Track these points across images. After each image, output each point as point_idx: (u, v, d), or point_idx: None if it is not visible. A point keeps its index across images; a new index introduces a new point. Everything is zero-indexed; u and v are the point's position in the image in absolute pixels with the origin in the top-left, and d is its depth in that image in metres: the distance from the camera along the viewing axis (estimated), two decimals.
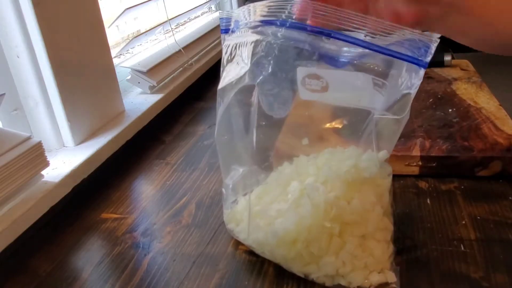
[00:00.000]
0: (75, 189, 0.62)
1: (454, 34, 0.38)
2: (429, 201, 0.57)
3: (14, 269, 0.52)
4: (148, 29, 0.97)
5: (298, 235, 0.44)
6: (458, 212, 0.54)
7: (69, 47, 0.66)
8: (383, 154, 0.45)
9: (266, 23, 0.43)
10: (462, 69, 0.92)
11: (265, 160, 0.51)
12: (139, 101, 0.85)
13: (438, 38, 0.38)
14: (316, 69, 0.42)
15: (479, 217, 0.53)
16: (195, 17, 1.34)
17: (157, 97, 0.86)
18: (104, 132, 0.72)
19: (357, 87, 0.42)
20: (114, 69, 0.77)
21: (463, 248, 0.49)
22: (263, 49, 0.44)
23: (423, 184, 0.60)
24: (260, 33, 0.44)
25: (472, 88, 0.82)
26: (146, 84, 0.88)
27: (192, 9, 1.18)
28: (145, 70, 0.87)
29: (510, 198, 0.56)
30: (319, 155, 0.49)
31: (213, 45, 1.18)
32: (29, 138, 0.57)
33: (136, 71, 0.87)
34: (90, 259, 0.52)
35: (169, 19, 1.01)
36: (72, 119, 0.66)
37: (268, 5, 0.43)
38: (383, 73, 0.41)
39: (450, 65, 0.93)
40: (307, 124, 0.72)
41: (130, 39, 0.97)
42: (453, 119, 0.70)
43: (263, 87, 0.45)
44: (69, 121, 0.66)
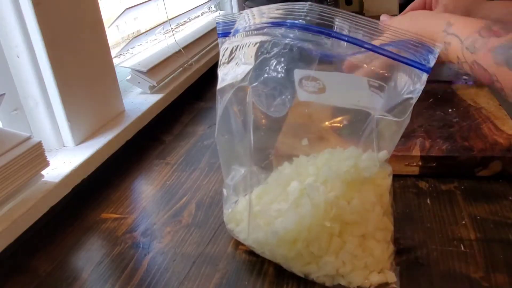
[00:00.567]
0: (75, 189, 0.62)
1: None
2: (429, 201, 0.57)
3: (14, 269, 0.52)
4: (148, 29, 0.97)
5: (298, 234, 0.44)
6: (458, 212, 0.54)
7: (69, 47, 0.66)
8: (383, 154, 0.45)
9: (273, 25, 0.43)
10: None
11: (265, 159, 0.51)
12: (139, 101, 0.85)
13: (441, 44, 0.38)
14: (312, 71, 0.42)
15: (479, 217, 0.53)
16: (195, 17, 1.34)
17: (157, 97, 0.86)
18: (104, 132, 0.72)
19: (354, 89, 0.42)
20: (114, 69, 0.77)
21: (463, 248, 0.49)
22: (269, 49, 0.44)
23: (423, 184, 0.60)
24: (265, 34, 0.44)
25: (472, 88, 0.82)
26: (146, 84, 0.88)
27: (192, 9, 1.18)
28: (145, 70, 0.87)
29: (510, 198, 0.56)
30: (318, 155, 0.49)
31: (213, 45, 1.18)
32: (29, 138, 0.57)
33: (136, 71, 0.87)
34: (90, 259, 0.52)
35: (169, 19, 1.01)
36: (72, 119, 0.66)
37: (271, 9, 0.43)
38: (381, 75, 0.41)
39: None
40: (307, 124, 0.72)
41: (130, 39, 0.97)
42: (453, 119, 0.70)
43: (261, 86, 0.45)
44: (69, 121, 0.66)
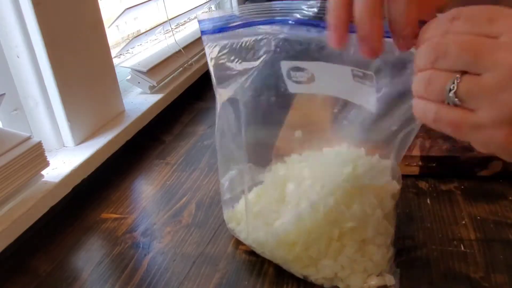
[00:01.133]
0: (75, 189, 0.62)
1: None
2: (429, 201, 0.57)
3: (14, 269, 0.52)
4: (148, 29, 0.97)
5: (297, 237, 0.44)
6: (458, 212, 0.54)
7: (69, 47, 0.66)
8: (392, 163, 0.44)
9: (269, 23, 0.42)
10: None
11: (262, 158, 0.51)
12: (139, 101, 0.85)
13: None
14: (298, 62, 0.41)
15: (479, 217, 0.53)
16: (195, 17, 1.34)
17: (157, 97, 0.86)
18: (104, 132, 0.72)
19: (340, 79, 0.40)
20: (114, 69, 0.77)
21: (463, 248, 0.49)
22: (269, 46, 0.43)
23: (423, 184, 0.60)
24: (260, 32, 0.43)
25: None
26: (146, 84, 0.88)
27: (192, 9, 1.18)
28: (145, 70, 0.87)
29: (510, 198, 0.56)
30: (310, 155, 0.49)
31: None
32: (29, 138, 0.57)
33: (136, 71, 0.87)
34: (90, 259, 0.52)
35: (169, 19, 1.01)
36: (72, 119, 0.66)
37: (262, 7, 0.42)
38: (366, 63, 0.38)
39: None
40: (307, 122, 0.72)
41: (130, 39, 0.97)
42: None
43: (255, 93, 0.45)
44: (69, 121, 0.66)
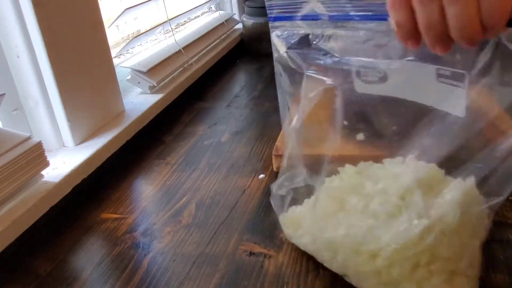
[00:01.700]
0: (75, 189, 0.62)
1: None
2: None
3: (14, 269, 0.52)
4: (148, 29, 0.97)
5: (381, 251, 0.40)
6: None
7: (69, 47, 0.66)
8: (471, 181, 0.41)
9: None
10: None
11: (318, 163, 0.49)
12: (139, 101, 0.85)
13: None
14: (373, 60, 0.38)
15: None
16: (195, 17, 1.34)
17: (157, 97, 0.86)
18: (104, 132, 0.72)
19: (421, 79, 0.37)
20: (114, 69, 0.77)
21: None
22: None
23: None
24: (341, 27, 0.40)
25: None
26: (146, 84, 0.88)
27: (192, 9, 1.18)
28: (145, 70, 0.87)
29: (510, 198, 0.56)
30: (377, 168, 0.46)
31: (213, 45, 1.18)
32: (29, 138, 0.57)
33: (136, 71, 0.87)
34: (90, 259, 0.52)
35: (169, 19, 1.01)
36: (72, 119, 0.66)
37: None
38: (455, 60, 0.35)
39: None
40: (308, 124, 0.72)
41: (130, 39, 0.97)
42: None
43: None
44: (69, 121, 0.66)
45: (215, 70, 1.13)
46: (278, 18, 0.42)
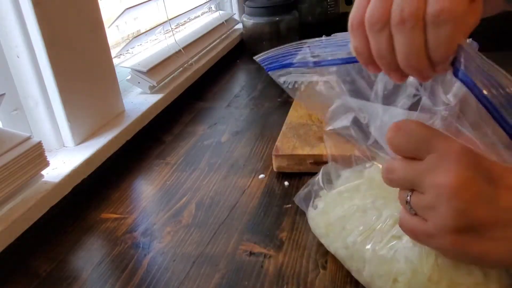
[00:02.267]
0: (75, 189, 0.62)
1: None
2: None
3: (14, 269, 0.52)
4: (148, 29, 0.97)
5: (400, 276, 0.40)
6: None
7: (69, 47, 0.66)
8: None
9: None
10: None
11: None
12: (139, 101, 0.85)
13: None
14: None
15: None
16: (195, 17, 1.34)
17: (157, 97, 0.86)
18: (104, 132, 0.72)
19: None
20: (114, 69, 0.77)
21: None
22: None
23: None
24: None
25: None
26: (146, 84, 0.88)
27: (192, 9, 1.18)
28: (145, 70, 0.87)
29: None
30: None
31: (213, 45, 1.18)
32: (29, 138, 0.57)
33: (136, 71, 0.87)
34: (90, 259, 0.52)
35: (169, 19, 1.01)
36: (72, 119, 0.66)
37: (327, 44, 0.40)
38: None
39: None
40: (308, 124, 0.72)
41: (130, 39, 0.97)
42: None
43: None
44: (69, 121, 0.66)
45: (215, 70, 1.13)
46: (272, 68, 0.45)
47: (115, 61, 0.86)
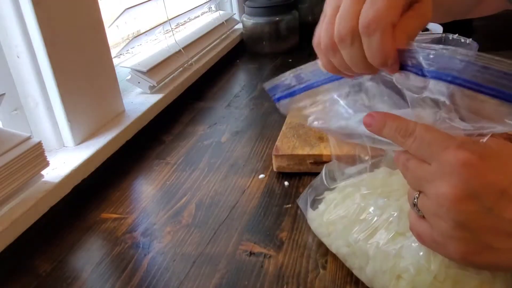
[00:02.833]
0: (75, 189, 0.62)
1: None
2: None
3: (14, 269, 0.52)
4: (148, 29, 0.97)
5: (404, 273, 0.40)
6: None
7: (69, 47, 0.66)
8: None
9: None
10: None
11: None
12: (139, 101, 0.85)
13: None
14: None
15: None
16: (195, 17, 1.34)
17: (157, 97, 0.86)
18: (104, 132, 0.72)
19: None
20: (114, 69, 0.77)
21: None
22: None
23: None
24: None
25: None
26: (146, 84, 0.88)
27: (192, 9, 1.18)
28: (145, 70, 0.87)
29: None
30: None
31: (213, 45, 1.18)
32: (29, 138, 0.57)
33: (136, 71, 0.87)
34: (90, 259, 0.52)
35: (169, 19, 1.01)
36: (72, 119, 0.66)
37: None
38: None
39: None
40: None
41: (130, 39, 0.97)
42: None
43: None
44: (69, 121, 0.66)
45: (215, 70, 1.13)
46: (280, 97, 0.45)
47: (115, 61, 0.86)
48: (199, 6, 1.22)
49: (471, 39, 0.44)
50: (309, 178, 0.63)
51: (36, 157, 0.57)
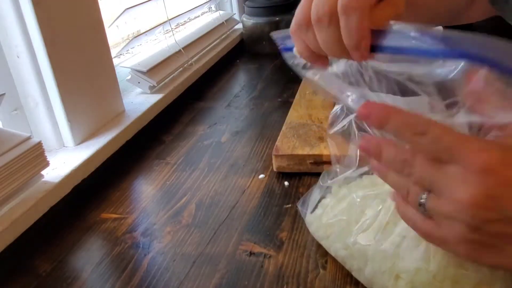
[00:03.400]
0: (75, 189, 0.62)
1: None
2: None
3: (14, 269, 0.52)
4: (148, 29, 0.97)
5: (403, 273, 0.40)
6: None
7: (69, 47, 0.66)
8: None
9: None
10: None
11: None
12: (139, 101, 0.85)
13: None
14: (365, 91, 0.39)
15: None
16: (195, 17, 1.34)
17: (157, 97, 0.86)
18: (104, 132, 0.72)
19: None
20: (114, 69, 0.77)
21: None
22: None
23: None
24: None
25: None
26: (146, 84, 0.88)
27: (192, 9, 1.18)
28: (145, 70, 0.87)
29: None
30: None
31: (213, 45, 1.18)
32: (29, 138, 0.57)
33: (136, 71, 0.87)
34: (90, 259, 0.52)
35: (169, 19, 1.01)
36: (72, 119, 0.66)
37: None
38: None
39: None
40: (308, 124, 0.72)
41: (130, 39, 0.97)
42: None
43: None
44: (69, 121, 0.66)
45: (215, 70, 1.13)
46: (286, 48, 0.45)
47: (115, 61, 0.86)
48: (199, 6, 1.22)
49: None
50: (309, 178, 0.63)
51: (36, 157, 0.57)
